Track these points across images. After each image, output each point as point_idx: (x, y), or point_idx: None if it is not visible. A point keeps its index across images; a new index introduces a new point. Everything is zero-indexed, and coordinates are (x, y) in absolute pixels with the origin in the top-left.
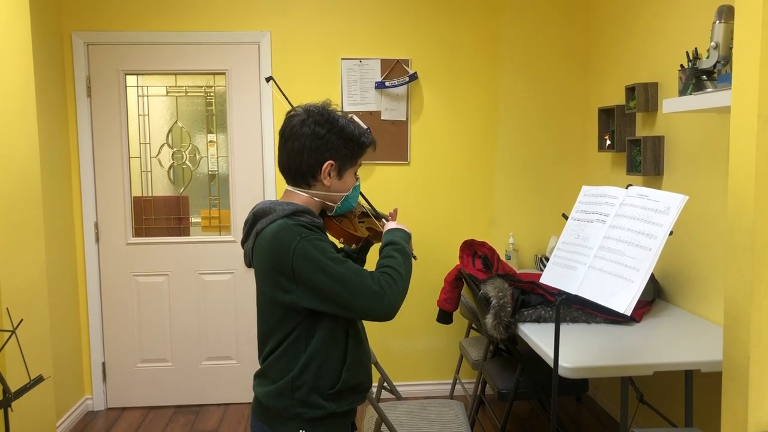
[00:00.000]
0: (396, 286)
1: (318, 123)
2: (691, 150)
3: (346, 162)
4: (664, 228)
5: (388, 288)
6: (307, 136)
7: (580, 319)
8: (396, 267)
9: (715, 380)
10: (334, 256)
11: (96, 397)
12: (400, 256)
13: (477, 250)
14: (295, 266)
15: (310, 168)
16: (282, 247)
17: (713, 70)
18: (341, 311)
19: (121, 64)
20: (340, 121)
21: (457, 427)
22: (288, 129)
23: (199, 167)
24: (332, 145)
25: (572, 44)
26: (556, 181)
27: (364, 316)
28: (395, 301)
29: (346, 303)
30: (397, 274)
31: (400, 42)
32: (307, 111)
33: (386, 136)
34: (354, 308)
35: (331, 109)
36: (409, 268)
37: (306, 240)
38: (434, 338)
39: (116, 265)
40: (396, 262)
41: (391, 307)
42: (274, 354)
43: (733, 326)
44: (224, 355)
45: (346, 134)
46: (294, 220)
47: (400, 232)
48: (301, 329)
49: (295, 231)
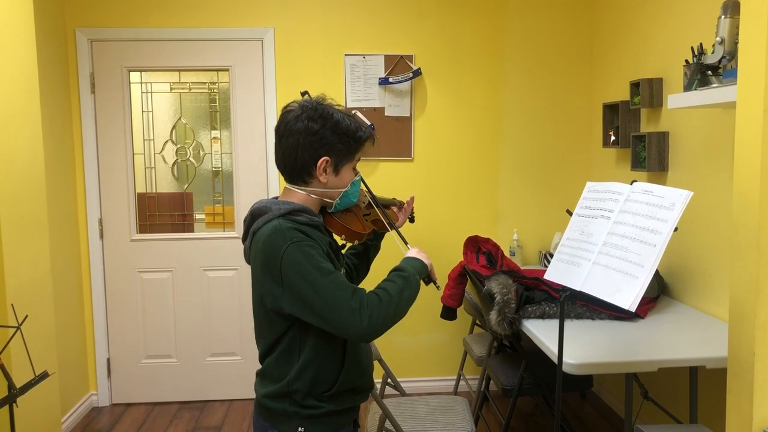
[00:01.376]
0: (381, 309)
1: (311, 118)
2: (696, 146)
3: (342, 158)
4: (668, 224)
5: (370, 308)
6: (301, 132)
7: (584, 315)
8: (390, 291)
9: (720, 377)
10: (320, 266)
11: (101, 393)
12: (400, 282)
13: (481, 246)
14: (283, 269)
15: (305, 165)
16: (272, 249)
17: (718, 65)
18: (320, 323)
19: (124, 61)
20: (335, 115)
21: (461, 423)
22: (283, 125)
23: (202, 164)
24: (326, 141)
25: (577, 39)
26: (560, 177)
27: (341, 332)
28: (376, 323)
29: (323, 315)
30: (388, 298)
31: (403, 37)
32: (302, 106)
33: (390, 133)
34: (331, 322)
35: (326, 103)
36: (408, 296)
37: (295, 245)
38: (438, 334)
39: (120, 261)
40: (393, 286)
41: (369, 328)
42: (271, 356)
43: (739, 322)
44: (228, 351)
45: (341, 129)
46: (289, 220)
47: (416, 262)
48: (295, 332)
49: (287, 235)
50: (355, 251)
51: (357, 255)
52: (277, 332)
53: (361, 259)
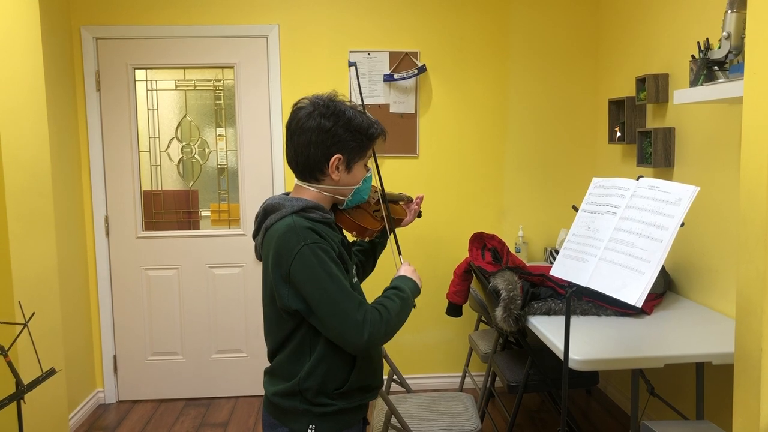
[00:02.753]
0: (381, 325)
1: (324, 116)
2: (703, 141)
3: (355, 155)
4: (675, 219)
5: (373, 324)
6: (313, 129)
7: (590, 311)
8: (390, 309)
9: (726, 373)
10: (331, 272)
11: (107, 390)
12: (399, 302)
13: (486, 242)
14: (293, 269)
15: (317, 162)
16: (286, 247)
17: (725, 60)
18: (320, 327)
19: (129, 59)
20: (347, 112)
21: (466, 420)
22: (294, 122)
23: (208, 161)
24: (339, 139)
25: (582, 35)
26: (566, 173)
27: (338, 340)
28: (374, 338)
29: (325, 320)
30: (388, 315)
31: (408, 34)
32: (313, 103)
33: (395, 129)
34: (332, 329)
35: (338, 100)
36: (403, 317)
37: (309, 246)
38: (444, 331)
39: (126, 258)
40: (393, 305)
41: (368, 342)
42: (281, 354)
43: (746, 318)
44: (234, 348)
45: (354, 126)
46: (303, 216)
47: (411, 283)
48: (305, 330)
49: (302, 234)
50: (361, 248)
51: (364, 252)
52: (285, 330)
53: (367, 255)
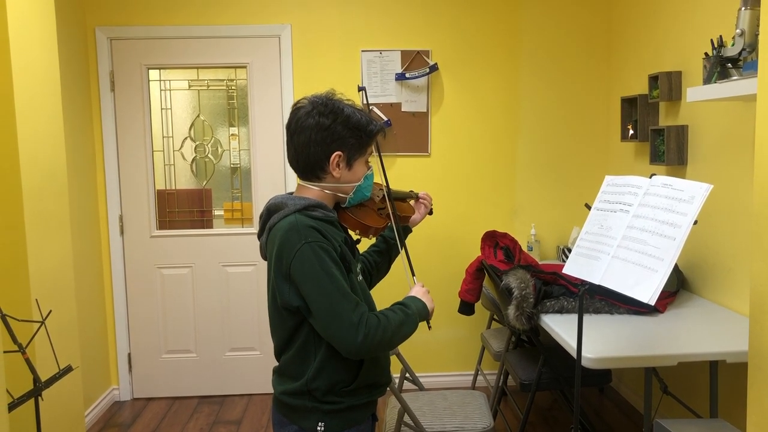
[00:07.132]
0: (378, 331)
1: (322, 114)
2: (716, 139)
3: (355, 152)
4: (688, 217)
5: (368, 327)
6: (312, 128)
7: (603, 309)
8: (390, 319)
9: (740, 371)
10: (331, 271)
11: (122, 388)
12: (402, 316)
13: (498, 241)
14: (293, 266)
15: (318, 160)
16: (287, 245)
17: (738, 57)
18: (316, 326)
19: (143, 59)
20: (345, 110)
21: (479, 418)
22: (293, 122)
23: (221, 160)
24: (338, 136)
25: (594, 33)
26: (578, 171)
27: (333, 340)
28: (369, 343)
29: (321, 319)
30: (386, 323)
31: (419, 33)
32: (312, 102)
33: (407, 128)
34: (327, 328)
35: (336, 98)
36: (405, 333)
37: (310, 245)
38: (456, 329)
39: (141, 257)
40: (394, 317)
41: (362, 345)
42: (287, 353)
43: (760, 316)
44: (247, 346)
45: (352, 123)
46: (306, 215)
47: (420, 303)
48: (309, 330)
49: (303, 233)
50: (377, 248)
51: (379, 253)
52: (288, 328)
53: (382, 257)
